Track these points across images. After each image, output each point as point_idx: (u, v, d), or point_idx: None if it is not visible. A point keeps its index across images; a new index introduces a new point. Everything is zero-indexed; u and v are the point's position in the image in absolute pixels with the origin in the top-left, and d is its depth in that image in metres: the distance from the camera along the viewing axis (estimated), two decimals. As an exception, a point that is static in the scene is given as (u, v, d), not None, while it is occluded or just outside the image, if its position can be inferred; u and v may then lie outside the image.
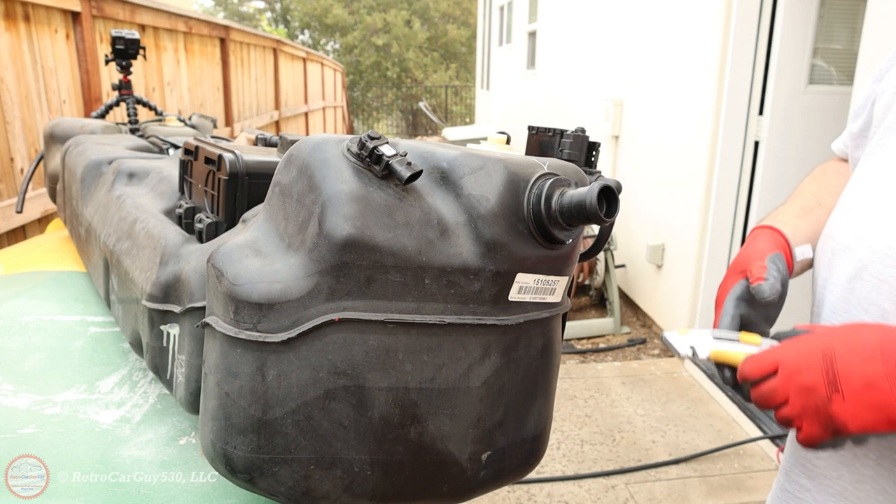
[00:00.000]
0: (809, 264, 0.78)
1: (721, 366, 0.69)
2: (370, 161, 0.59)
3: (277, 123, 6.82)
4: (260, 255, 0.59)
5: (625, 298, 4.09)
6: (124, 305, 0.94)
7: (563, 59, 5.93)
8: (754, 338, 0.69)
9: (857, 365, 0.57)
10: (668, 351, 3.45)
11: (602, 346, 3.53)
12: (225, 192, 0.83)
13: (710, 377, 2.98)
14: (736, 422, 2.74)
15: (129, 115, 1.93)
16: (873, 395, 0.55)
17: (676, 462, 2.46)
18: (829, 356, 0.58)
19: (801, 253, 0.76)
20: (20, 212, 1.77)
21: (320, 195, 0.58)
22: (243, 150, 0.87)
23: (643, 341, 3.57)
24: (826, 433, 0.58)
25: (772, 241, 0.75)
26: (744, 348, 0.68)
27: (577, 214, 0.59)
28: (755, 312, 0.72)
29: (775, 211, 0.83)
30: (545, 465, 2.44)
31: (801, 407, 0.59)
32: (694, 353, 0.69)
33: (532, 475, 2.37)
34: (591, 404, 2.90)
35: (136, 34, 1.91)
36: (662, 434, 2.65)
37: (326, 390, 0.58)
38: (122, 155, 1.27)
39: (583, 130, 0.75)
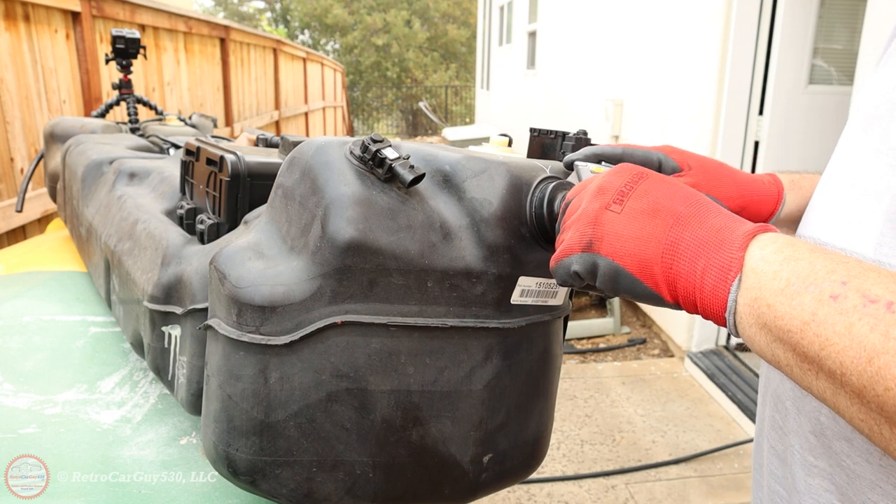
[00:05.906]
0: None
1: None
2: (373, 164, 0.59)
3: (277, 123, 6.81)
4: (263, 258, 0.59)
5: (625, 298, 4.09)
6: (125, 306, 0.94)
7: (563, 59, 5.92)
8: None
9: (658, 193, 0.49)
10: (668, 351, 3.45)
11: (602, 346, 3.53)
12: (227, 193, 0.83)
13: (710, 377, 2.98)
14: (736, 422, 2.73)
15: (129, 115, 1.93)
16: (647, 225, 0.47)
17: (676, 462, 2.46)
18: (642, 176, 0.51)
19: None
20: (20, 211, 1.77)
21: (323, 198, 0.58)
22: (245, 151, 0.87)
23: (643, 341, 3.57)
24: (581, 242, 0.50)
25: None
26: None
27: None
28: None
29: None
30: (545, 465, 2.44)
31: (583, 211, 0.51)
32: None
33: (532, 475, 2.36)
34: (591, 404, 2.90)
35: (136, 33, 1.90)
36: (662, 434, 2.65)
37: (329, 393, 0.58)
38: (122, 155, 1.27)
39: (585, 133, 0.75)
